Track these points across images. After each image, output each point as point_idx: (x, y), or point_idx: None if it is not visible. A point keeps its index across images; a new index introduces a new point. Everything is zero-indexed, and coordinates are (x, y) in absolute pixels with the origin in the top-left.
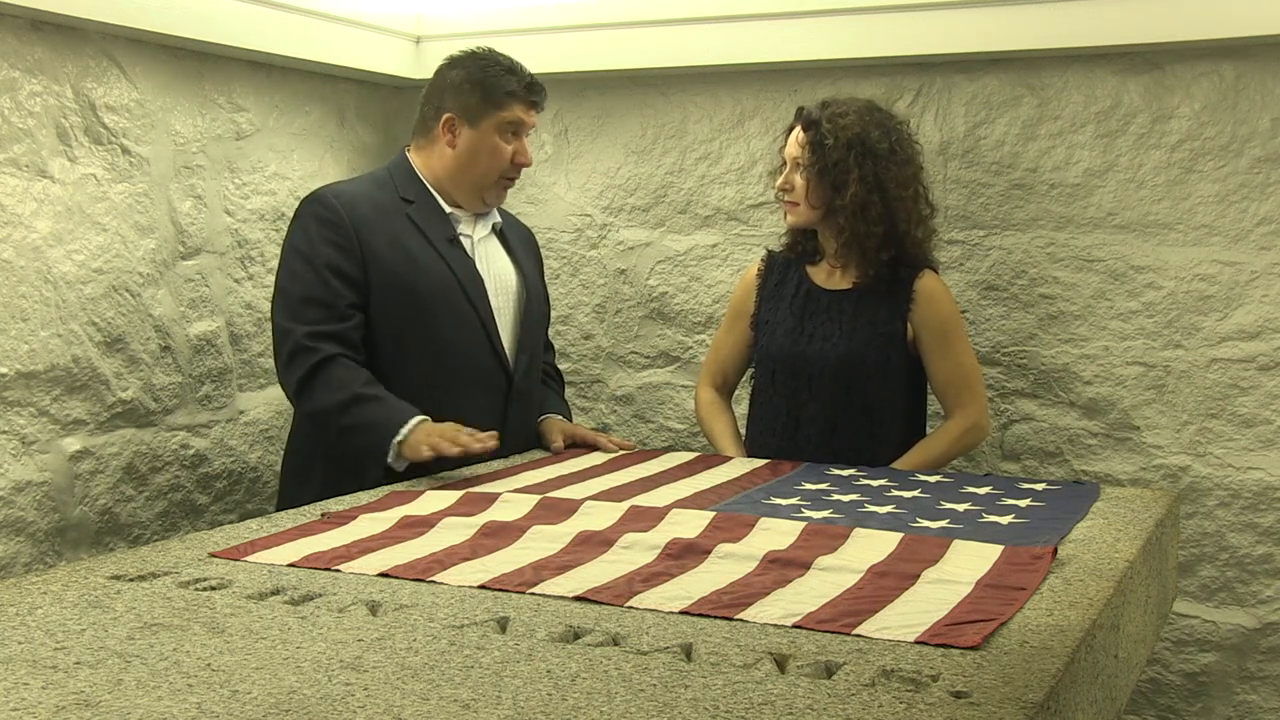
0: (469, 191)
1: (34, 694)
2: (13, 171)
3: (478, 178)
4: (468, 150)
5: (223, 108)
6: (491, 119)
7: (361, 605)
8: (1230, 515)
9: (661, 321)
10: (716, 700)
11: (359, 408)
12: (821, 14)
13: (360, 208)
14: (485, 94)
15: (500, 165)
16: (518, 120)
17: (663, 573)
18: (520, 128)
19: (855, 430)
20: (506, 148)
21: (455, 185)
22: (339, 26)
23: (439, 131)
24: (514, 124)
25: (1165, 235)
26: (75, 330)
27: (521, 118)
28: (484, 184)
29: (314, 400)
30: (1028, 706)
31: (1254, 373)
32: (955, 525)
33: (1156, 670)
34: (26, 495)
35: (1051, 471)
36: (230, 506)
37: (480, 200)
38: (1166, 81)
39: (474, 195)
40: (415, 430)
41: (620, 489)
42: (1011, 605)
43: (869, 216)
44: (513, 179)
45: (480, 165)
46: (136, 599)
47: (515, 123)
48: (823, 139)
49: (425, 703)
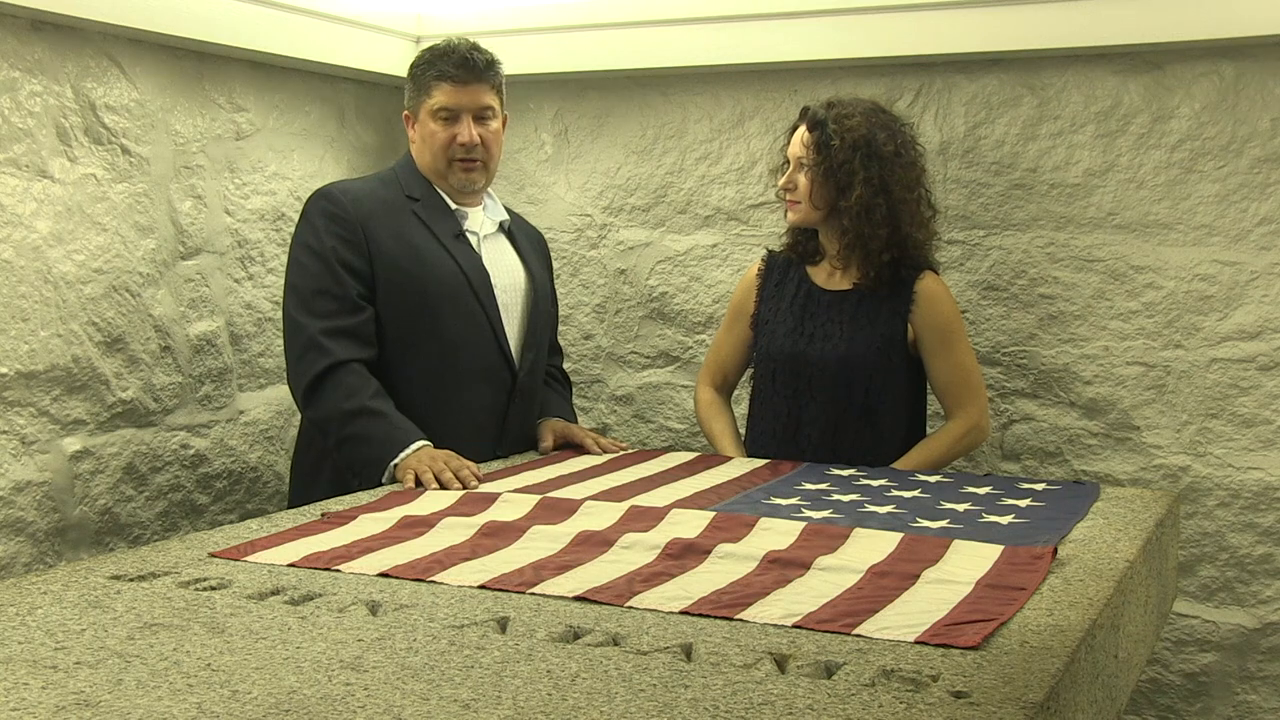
0: (438, 181)
1: (34, 694)
2: (13, 171)
3: (431, 166)
4: (418, 142)
5: (223, 108)
6: (425, 106)
7: (361, 605)
8: (1230, 515)
9: (661, 321)
10: (716, 700)
11: (363, 420)
12: (821, 14)
13: (366, 204)
14: (416, 84)
15: (442, 149)
16: (443, 104)
17: (663, 573)
18: (453, 110)
19: (855, 431)
20: (442, 132)
21: (432, 177)
22: (339, 26)
23: (408, 130)
24: (444, 108)
25: (1165, 235)
26: (75, 330)
27: (447, 101)
28: (437, 170)
29: (321, 404)
30: (1028, 706)
31: (1254, 373)
32: (955, 525)
33: (1156, 670)
34: (26, 495)
35: (1051, 471)
36: (230, 506)
37: (452, 189)
38: (1166, 81)
39: (441, 183)
40: (414, 454)
41: (620, 489)
42: (1011, 605)
43: (873, 218)
44: (468, 161)
45: (428, 154)
46: (136, 599)
47: (444, 106)
48: (828, 140)
49: (425, 703)
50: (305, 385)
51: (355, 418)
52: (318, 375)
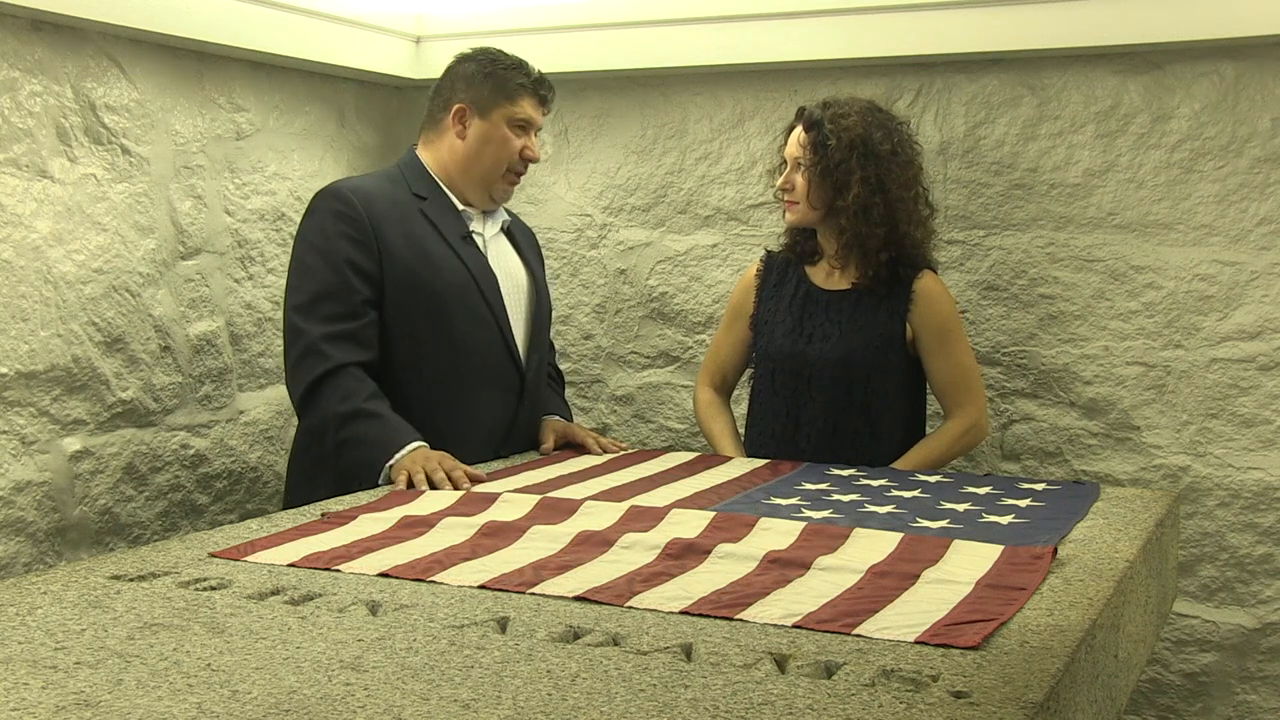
0: (477, 184)
1: (34, 694)
2: (13, 171)
3: (486, 170)
4: (477, 141)
5: (223, 108)
6: (502, 110)
7: (361, 605)
8: (1230, 515)
9: (661, 321)
10: (716, 700)
11: (359, 423)
12: (821, 14)
13: (376, 203)
14: (497, 86)
15: (508, 158)
16: (527, 115)
17: (663, 573)
18: (529, 124)
19: (855, 431)
20: (515, 140)
21: (464, 178)
22: (339, 26)
23: (449, 123)
24: (524, 119)
25: (1165, 235)
26: (75, 330)
27: (531, 114)
28: (491, 177)
29: (318, 408)
30: (1028, 706)
31: (1254, 373)
32: (955, 525)
33: (1156, 670)
34: (26, 495)
35: (1051, 471)
36: (230, 506)
37: (488, 195)
38: (1166, 81)
39: (481, 189)
40: (409, 455)
41: (620, 489)
42: (1011, 605)
43: (870, 218)
44: (519, 174)
45: (488, 157)
46: (136, 599)
47: (525, 118)
48: (825, 139)
49: (425, 703)
50: (302, 391)
51: (351, 420)
52: (315, 380)
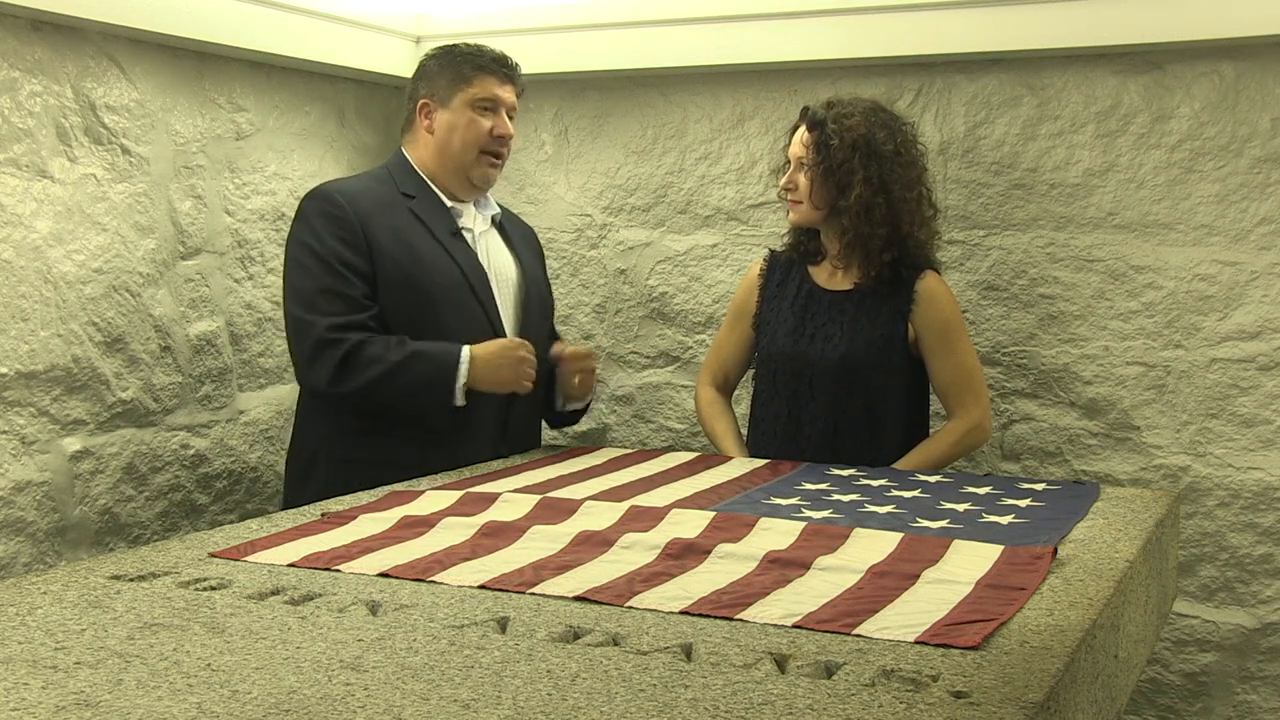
0: (454, 173)
1: (34, 694)
2: (13, 171)
3: (458, 156)
4: (444, 130)
5: (223, 108)
6: (462, 95)
7: (361, 605)
8: (1230, 515)
9: (661, 321)
10: (716, 700)
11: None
12: (821, 14)
13: (363, 203)
14: (453, 72)
15: (476, 139)
16: (489, 94)
17: (663, 573)
18: (495, 102)
19: (856, 431)
20: (483, 121)
21: (443, 170)
22: (339, 26)
23: (419, 120)
24: (485, 99)
25: (1165, 235)
26: (75, 330)
27: (494, 91)
28: (466, 162)
29: (354, 379)
30: (1028, 706)
31: (1254, 373)
32: (955, 525)
33: (1156, 670)
34: (26, 495)
35: (1051, 471)
36: (230, 506)
37: (468, 182)
38: (1166, 81)
39: (460, 177)
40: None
41: (620, 489)
42: (1011, 605)
43: (873, 218)
44: (497, 155)
45: (457, 142)
46: (136, 599)
47: (486, 97)
48: (828, 139)
49: (425, 703)
50: (329, 376)
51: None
52: (340, 360)
